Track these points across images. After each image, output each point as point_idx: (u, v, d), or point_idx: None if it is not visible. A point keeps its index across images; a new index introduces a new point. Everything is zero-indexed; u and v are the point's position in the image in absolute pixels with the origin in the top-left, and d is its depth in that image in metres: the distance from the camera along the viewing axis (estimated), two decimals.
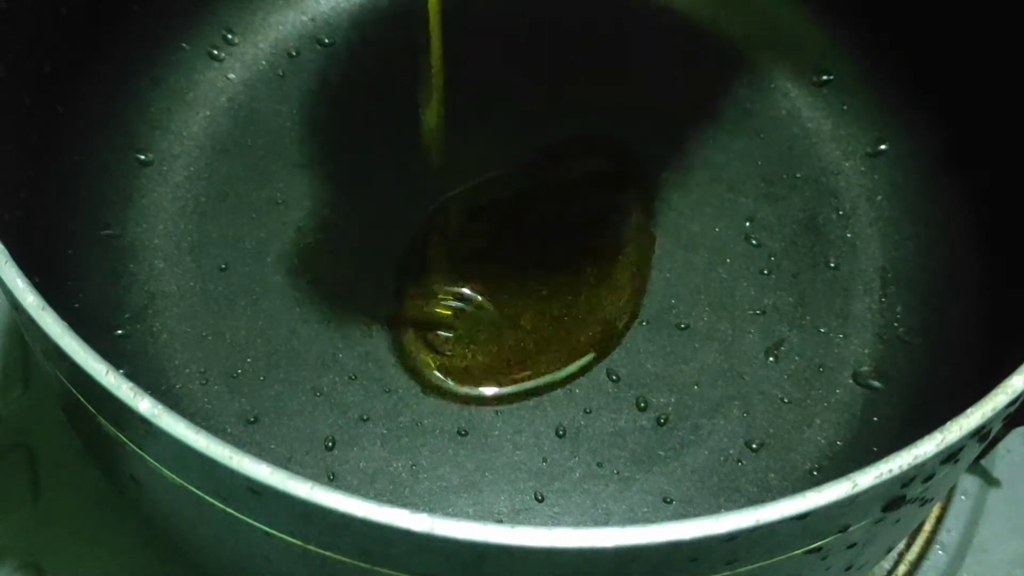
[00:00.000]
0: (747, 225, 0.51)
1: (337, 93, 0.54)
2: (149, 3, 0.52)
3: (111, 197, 0.50)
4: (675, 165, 0.53)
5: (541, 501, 0.45)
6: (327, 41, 0.56)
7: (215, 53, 0.55)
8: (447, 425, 0.46)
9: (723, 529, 0.29)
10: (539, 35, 0.57)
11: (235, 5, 0.55)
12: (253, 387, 0.47)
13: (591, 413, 0.46)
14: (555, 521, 0.44)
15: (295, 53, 0.55)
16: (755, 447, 0.46)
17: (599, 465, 0.45)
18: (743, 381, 0.47)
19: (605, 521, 0.44)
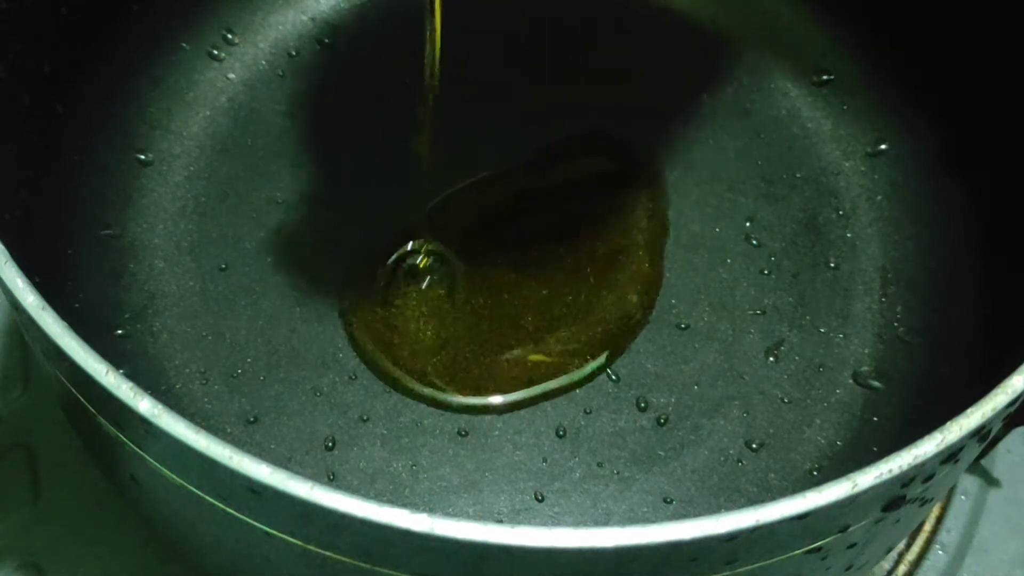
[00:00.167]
0: (747, 225, 0.51)
1: (337, 93, 0.54)
2: (149, 3, 0.52)
3: (111, 197, 0.50)
4: (675, 165, 0.53)
5: (541, 501, 0.45)
6: (327, 41, 0.56)
7: (215, 53, 0.55)
8: (447, 425, 0.46)
9: (723, 529, 0.29)
10: (539, 35, 0.57)
11: (235, 5, 0.55)
12: (253, 387, 0.47)
13: (591, 413, 0.46)
14: (555, 521, 0.44)
15: (295, 53, 0.55)
16: (755, 447, 0.46)
17: (599, 465, 0.45)
18: (743, 381, 0.47)
19: (605, 521, 0.44)
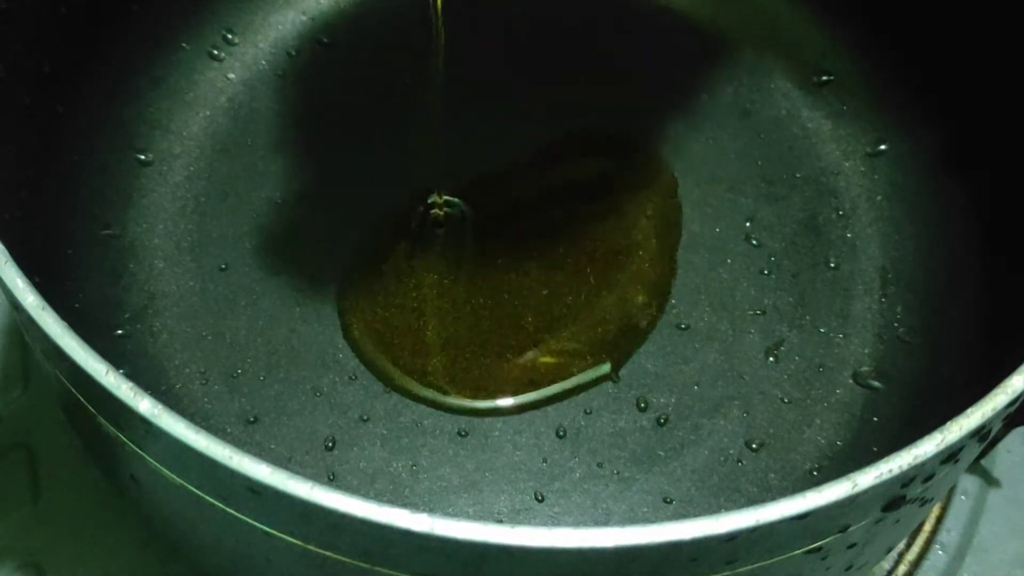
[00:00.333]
0: (747, 225, 0.51)
1: (337, 93, 0.54)
2: (149, 3, 0.52)
3: (111, 197, 0.50)
4: (675, 165, 0.53)
5: (541, 501, 0.45)
6: (327, 41, 0.56)
7: (215, 53, 0.55)
8: (447, 425, 0.46)
9: (723, 529, 0.29)
10: (539, 35, 0.57)
11: (235, 5, 0.55)
12: (253, 387, 0.47)
13: (591, 414, 0.46)
14: (555, 521, 0.44)
15: (295, 53, 0.55)
16: (755, 447, 0.46)
17: (599, 465, 0.45)
18: (743, 381, 0.47)
19: (605, 521, 0.44)
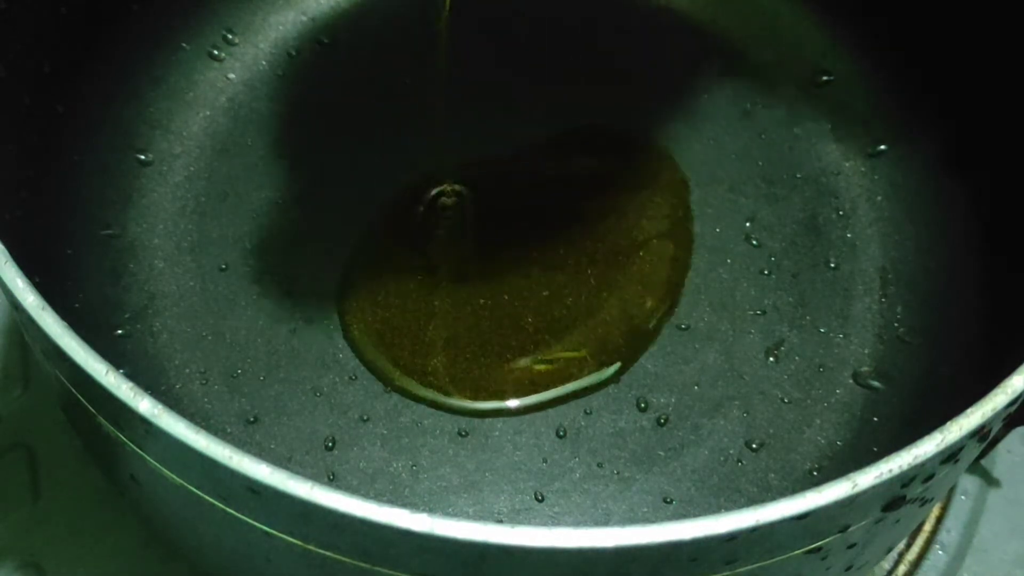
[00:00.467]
0: (747, 225, 0.51)
1: (337, 93, 0.54)
2: (149, 3, 0.52)
3: (111, 197, 0.50)
4: (675, 165, 0.53)
5: (541, 501, 0.45)
6: (327, 41, 0.56)
7: (215, 53, 0.55)
8: (447, 425, 0.46)
9: (723, 529, 0.29)
10: (539, 35, 0.57)
11: (235, 5, 0.55)
12: (253, 387, 0.47)
13: (591, 414, 0.46)
14: (555, 521, 0.44)
15: (295, 53, 0.55)
16: (755, 447, 0.46)
17: (599, 465, 0.45)
18: (743, 381, 0.47)
19: (605, 521, 0.44)
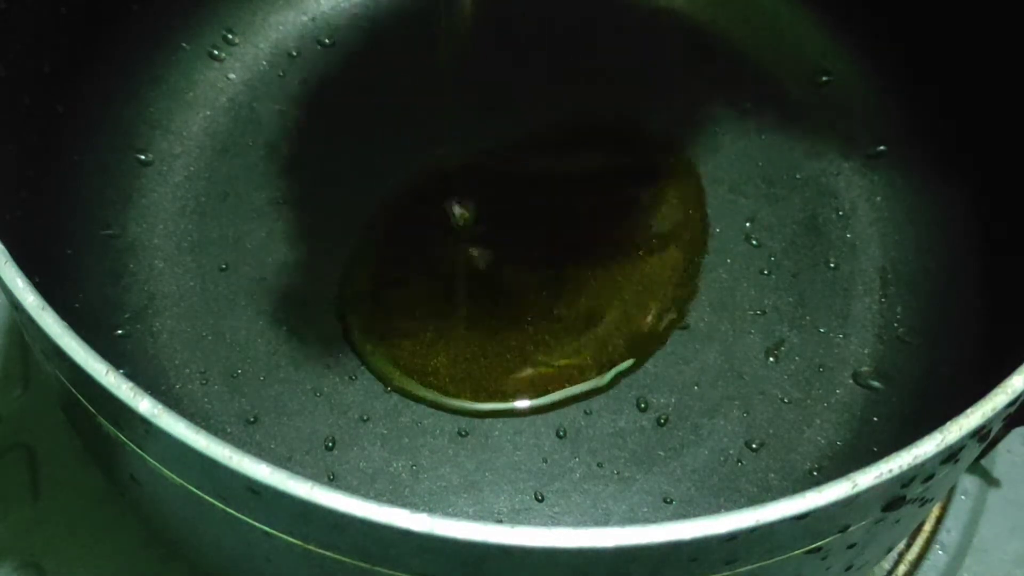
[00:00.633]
0: (747, 225, 0.51)
1: (337, 93, 0.54)
2: (149, 3, 0.52)
3: (111, 197, 0.50)
4: (675, 165, 0.53)
5: (541, 501, 0.45)
6: (327, 41, 0.56)
7: (215, 53, 0.55)
8: (447, 425, 0.46)
9: (723, 529, 0.29)
10: (539, 35, 0.56)
11: (235, 5, 0.55)
12: (253, 387, 0.47)
13: (591, 414, 0.46)
14: (555, 521, 0.44)
15: (295, 53, 0.55)
16: (755, 447, 0.46)
17: (599, 465, 0.45)
18: (743, 381, 0.47)
19: (605, 521, 0.44)
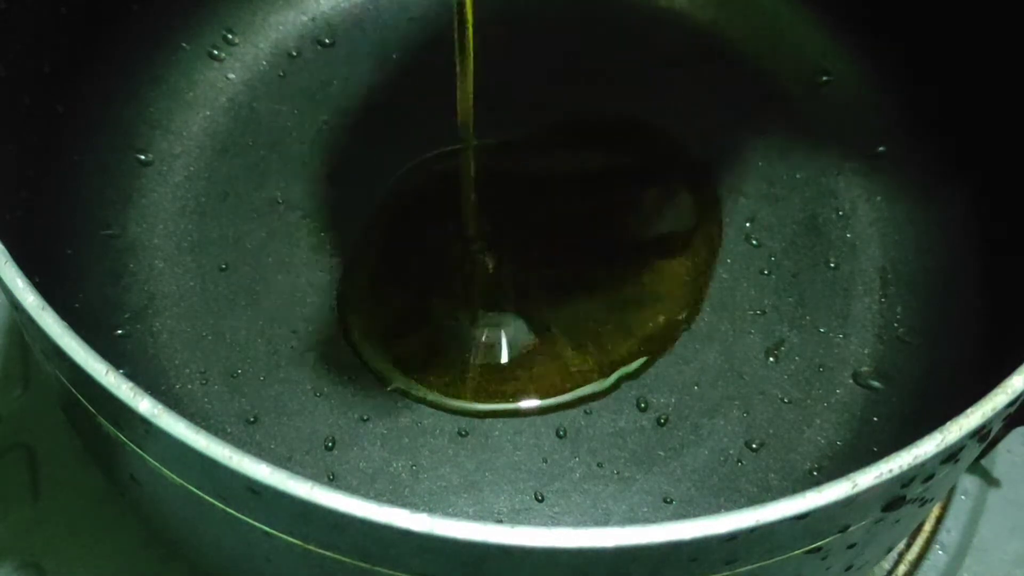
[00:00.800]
0: (747, 225, 0.51)
1: (337, 93, 0.54)
2: (149, 3, 0.52)
3: (111, 197, 0.50)
4: (675, 165, 0.53)
5: (541, 501, 0.45)
6: (327, 41, 0.56)
7: (215, 53, 0.55)
8: (447, 425, 0.46)
9: (723, 529, 0.29)
10: (539, 35, 0.56)
11: (235, 5, 0.55)
12: (253, 387, 0.47)
13: (591, 414, 0.46)
14: (555, 521, 0.44)
15: (295, 53, 0.55)
16: (755, 447, 0.46)
17: (599, 465, 0.45)
18: (743, 381, 0.47)
19: (605, 521, 0.44)
